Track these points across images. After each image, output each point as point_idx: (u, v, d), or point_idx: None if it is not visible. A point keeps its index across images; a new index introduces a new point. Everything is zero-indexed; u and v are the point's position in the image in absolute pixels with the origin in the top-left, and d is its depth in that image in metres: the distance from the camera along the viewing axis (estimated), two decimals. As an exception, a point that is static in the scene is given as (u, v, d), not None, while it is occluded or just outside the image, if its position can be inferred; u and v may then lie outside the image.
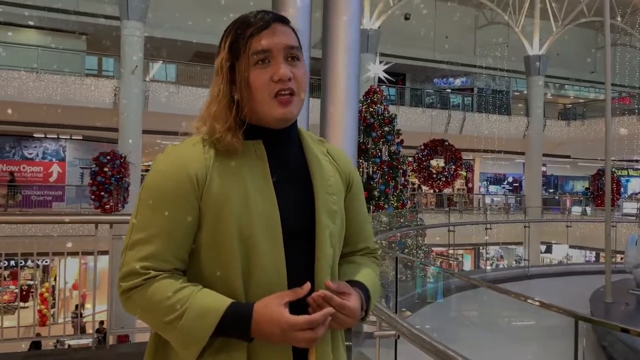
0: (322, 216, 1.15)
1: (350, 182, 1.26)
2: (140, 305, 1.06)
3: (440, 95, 24.27)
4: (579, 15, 22.27)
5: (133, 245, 1.07)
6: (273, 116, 1.12)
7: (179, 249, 1.08)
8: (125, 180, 13.70)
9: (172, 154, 1.13)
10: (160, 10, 17.87)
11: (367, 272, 1.24)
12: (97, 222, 3.49)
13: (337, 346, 1.19)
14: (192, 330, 1.02)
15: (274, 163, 1.15)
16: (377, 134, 10.97)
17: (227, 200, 1.08)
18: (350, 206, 1.25)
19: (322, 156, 1.23)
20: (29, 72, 15.51)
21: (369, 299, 1.18)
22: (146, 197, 1.09)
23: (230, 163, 1.12)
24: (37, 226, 11.43)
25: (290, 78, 1.12)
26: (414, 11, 22.92)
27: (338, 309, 1.06)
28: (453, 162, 17.44)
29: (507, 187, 29.67)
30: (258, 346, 1.07)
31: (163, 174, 1.09)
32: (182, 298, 1.03)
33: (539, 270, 9.91)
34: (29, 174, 18.55)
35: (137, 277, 1.05)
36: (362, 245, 1.29)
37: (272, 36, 1.12)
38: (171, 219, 1.07)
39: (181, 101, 16.93)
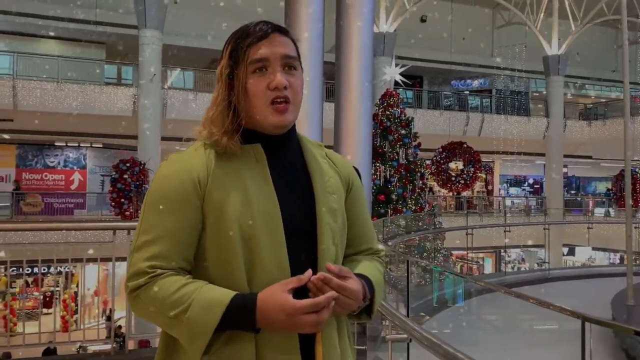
0: (324, 214, 1.18)
1: (350, 184, 1.29)
2: (147, 303, 1.08)
3: (458, 97, 24.10)
4: (598, 13, 21.94)
5: (139, 247, 1.11)
6: (268, 123, 1.16)
7: (184, 249, 1.12)
8: (144, 186, 13.85)
9: (175, 159, 1.17)
10: (177, 18, 18.07)
11: (369, 266, 1.26)
12: (114, 228, 3.51)
13: (342, 335, 1.21)
14: (198, 322, 1.04)
15: (273, 165, 1.18)
16: (394, 137, 10.92)
17: (228, 201, 1.11)
18: (351, 208, 1.28)
19: (321, 159, 1.26)
20: (49, 81, 15.80)
21: (372, 290, 1.20)
22: (151, 201, 1.14)
23: (231, 166, 1.16)
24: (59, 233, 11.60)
25: (287, 86, 1.16)
26: (430, 13, 22.85)
27: (338, 289, 1.08)
28: (472, 164, 17.29)
29: (528, 189, 29.30)
30: (265, 336, 1.09)
31: (167, 179, 1.14)
32: (188, 292, 1.06)
33: (560, 273, 9.73)
34: (51, 182, 18.86)
35: (143, 276, 1.08)
36: (365, 247, 1.32)
37: (270, 45, 1.16)
38: (175, 220, 1.11)
39: (199, 108, 17.05)
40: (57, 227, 4.14)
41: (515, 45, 21.81)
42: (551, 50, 21.91)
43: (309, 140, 1.30)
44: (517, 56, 21.73)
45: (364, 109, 4.26)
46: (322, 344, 1.13)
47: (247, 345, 1.09)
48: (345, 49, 4.64)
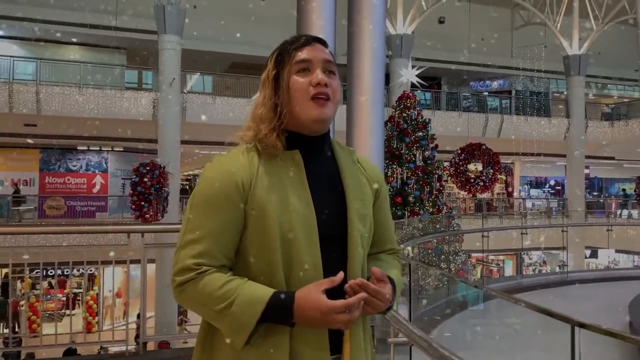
0: (355, 220, 1.28)
1: (378, 190, 1.39)
2: (193, 297, 1.19)
3: (477, 98, 23.91)
4: (620, 12, 21.59)
5: (185, 245, 1.21)
6: (309, 116, 1.26)
7: (226, 248, 1.22)
8: (164, 190, 13.98)
9: (220, 162, 1.27)
10: (196, 23, 18.27)
11: (392, 268, 1.37)
12: (129, 231, 3.58)
13: (366, 333, 1.32)
14: (241, 316, 1.14)
15: (309, 170, 1.28)
16: (410, 139, 10.88)
17: (270, 203, 1.21)
18: (378, 212, 1.38)
19: (353, 165, 1.37)
20: (71, 87, 16.10)
21: (394, 291, 1.30)
22: (196, 201, 1.24)
23: (272, 171, 1.25)
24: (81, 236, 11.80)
25: (327, 84, 1.28)
26: (448, 14, 22.72)
27: (374, 294, 1.18)
28: (491, 166, 17.14)
29: (549, 191, 28.92)
30: (298, 331, 1.19)
31: (212, 180, 1.23)
32: (232, 289, 1.16)
33: (579, 276, 9.57)
34: (74, 185, 19.20)
35: (190, 272, 1.18)
36: (388, 247, 1.43)
37: (313, 50, 1.30)
38: (219, 221, 1.21)
39: (217, 111, 17.23)
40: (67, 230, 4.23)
41: (535, 46, 21.57)
42: (572, 50, 21.63)
43: (341, 146, 1.40)
44: (536, 56, 21.48)
45: (376, 112, 4.28)
46: (350, 341, 1.24)
47: (283, 339, 1.18)
48: (357, 53, 4.67)
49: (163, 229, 4.25)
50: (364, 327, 1.32)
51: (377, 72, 4.65)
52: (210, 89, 19.37)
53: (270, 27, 19.48)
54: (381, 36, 4.64)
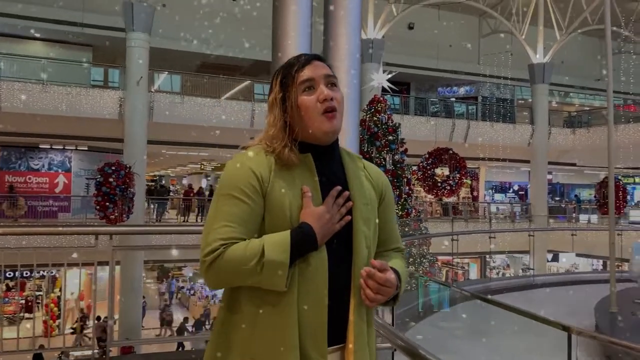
0: (359, 222, 1.39)
1: (383, 194, 1.51)
2: (224, 268, 1.28)
3: (444, 104, 24.26)
4: (583, 23, 22.24)
5: (213, 231, 1.31)
6: (322, 130, 1.38)
7: (248, 232, 1.32)
8: (130, 190, 13.69)
9: (242, 157, 1.38)
10: (165, 21, 18.00)
11: (397, 261, 1.48)
12: (96, 233, 3.48)
13: (370, 323, 1.42)
14: (275, 258, 1.26)
15: (320, 174, 1.40)
16: (381, 143, 10.95)
17: (284, 201, 1.33)
18: (383, 215, 1.49)
19: (360, 171, 1.48)
20: (35, 83, 15.63)
21: (399, 281, 1.40)
22: (220, 191, 1.36)
23: (286, 172, 1.37)
24: (42, 237, 11.46)
25: (333, 98, 1.39)
26: (417, 20, 23.00)
27: (381, 282, 1.32)
28: (458, 170, 17.37)
29: (513, 196, 29.53)
30: (301, 307, 1.30)
31: (234, 171, 1.36)
32: (256, 244, 1.28)
33: (544, 280, 9.79)
34: (35, 184, 18.64)
35: (217, 249, 1.28)
36: (393, 246, 1.54)
37: (314, 69, 1.41)
38: (242, 208, 1.32)
39: (186, 111, 17.00)
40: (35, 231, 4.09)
41: (501, 53, 22.01)
42: (537, 58, 22.16)
43: (349, 154, 1.50)
44: (502, 64, 21.93)
45: (352, 116, 4.27)
46: (353, 330, 1.34)
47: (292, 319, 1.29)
48: (333, 55, 4.65)
49: (132, 230, 4.15)
50: (368, 320, 1.40)
51: (352, 76, 4.65)
52: (178, 89, 19.09)
53: (241, 28, 19.36)
54: (357, 38, 4.64)
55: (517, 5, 22.14)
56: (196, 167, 30.56)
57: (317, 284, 1.31)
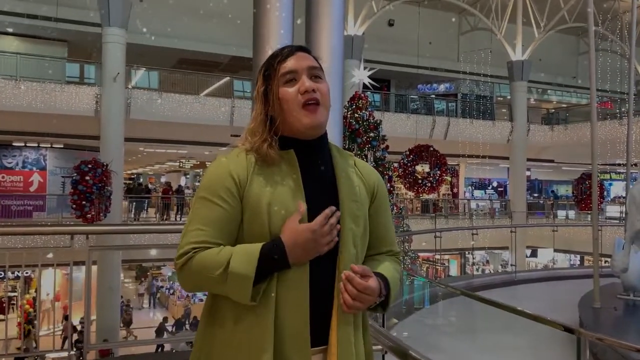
0: (347, 220, 1.32)
1: (375, 192, 1.44)
2: (194, 271, 1.25)
3: (424, 101, 24.33)
4: (560, 21, 22.49)
5: (187, 233, 1.29)
6: (302, 124, 1.33)
7: (222, 237, 1.29)
8: (107, 189, 13.46)
9: (220, 161, 1.36)
10: (142, 16, 17.71)
11: (387, 266, 1.41)
12: (72, 232, 3.34)
13: (357, 325, 1.35)
14: (240, 269, 1.21)
15: (305, 170, 1.35)
16: (362, 140, 10.88)
17: (262, 201, 1.28)
18: (375, 213, 1.43)
19: (349, 168, 1.42)
20: (7, 79, 15.22)
21: (388, 287, 1.34)
22: (198, 194, 1.34)
23: (267, 171, 1.33)
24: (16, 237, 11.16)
25: (315, 89, 1.33)
26: (398, 17, 23.01)
27: (360, 289, 1.24)
28: (438, 167, 17.44)
29: (492, 192, 29.79)
30: (281, 327, 1.24)
31: (212, 175, 1.33)
32: (226, 253, 1.24)
33: (526, 276, 9.85)
34: (9, 183, 18.20)
35: (188, 252, 1.27)
36: (385, 249, 1.46)
37: (297, 60, 1.36)
38: (216, 211, 1.29)
39: (164, 108, 16.74)
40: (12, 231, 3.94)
41: (481, 51, 22.14)
42: (515, 56, 22.35)
43: (339, 150, 1.45)
44: (482, 61, 22.06)
45: (335, 111, 4.17)
46: (337, 331, 1.27)
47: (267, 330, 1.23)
48: (315, 50, 4.54)
49: (109, 230, 4.00)
50: (356, 322, 1.34)
51: (335, 70, 4.57)
52: (156, 85, 18.80)
53: (219, 23, 19.16)
54: (340, 33, 4.55)
55: (496, 3, 22.29)
56: (175, 165, 30.23)
57: (297, 285, 1.27)
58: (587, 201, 18.60)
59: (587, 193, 18.44)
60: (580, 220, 22.71)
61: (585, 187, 18.84)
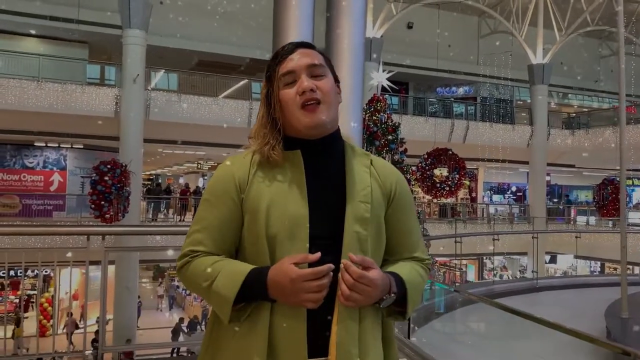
0: (351, 222, 1.27)
1: (392, 194, 1.36)
2: (188, 277, 1.30)
3: (443, 104, 24.13)
4: (582, 24, 22.16)
5: (189, 235, 1.33)
6: (302, 124, 1.29)
7: (222, 240, 1.30)
8: (125, 189, 13.52)
9: (224, 164, 1.37)
10: (162, 18, 17.83)
11: (403, 266, 1.33)
12: (87, 233, 3.32)
13: (365, 340, 1.25)
14: (222, 290, 1.21)
15: (312, 171, 1.31)
16: (380, 143, 10.82)
17: (260, 203, 1.27)
18: (393, 217, 1.35)
19: (363, 168, 1.35)
20: (30, 80, 15.42)
21: (403, 287, 1.27)
22: (203, 197, 1.36)
23: (270, 172, 1.31)
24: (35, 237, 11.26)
25: (313, 89, 1.29)
26: (417, 20, 22.87)
27: (356, 277, 1.18)
28: (457, 171, 17.25)
29: (511, 197, 29.44)
30: (277, 327, 1.22)
31: (216, 179, 1.35)
32: (217, 267, 1.25)
33: (548, 282, 9.64)
34: (30, 183, 18.43)
35: (186, 257, 1.30)
36: (407, 255, 1.37)
37: (296, 59, 1.32)
38: (217, 214, 1.31)
39: (183, 110, 16.83)
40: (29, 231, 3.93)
41: (501, 54, 21.89)
42: (536, 59, 22.06)
43: (354, 149, 1.39)
44: (502, 64, 21.82)
45: (355, 112, 4.12)
46: (336, 346, 1.20)
47: (262, 333, 1.22)
48: (336, 51, 4.48)
49: (125, 231, 3.98)
50: (374, 335, 1.28)
51: (356, 73, 4.50)
52: (175, 87, 18.90)
53: (239, 25, 19.21)
54: (361, 34, 4.48)
55: (516, 6, 22.04)
56: (193, 166, 30.38)
57: None
58: (609, 207, 18.24)
59: (609, 199, 18.09)
60: (601, 226, 22.32)
61: (607, 193, 18.49)
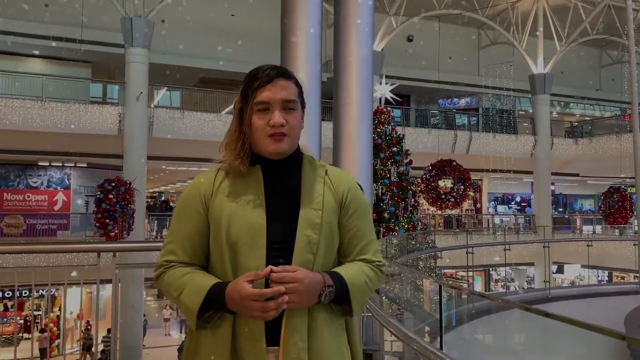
0: (303, 227, 1.39)
1: (344, 201, 1.47)
2: (163, 287, 1.44)
3: (445, 115, 24.15)
4: (582, 33, 22.23)
5: (164, 247, 1.47)
6: (267, 150, 1.42)
7: (192, 250, 1.44)
8: (130, 207, 13.51)
9: (194, 180, 1.51)
10: (164, 36, 17.93)
11: (349, 266, 1.44)
12: (99, 250, 3.28)
13: (316, 334, 1.38)
14: (187, 303, 1.36)
15: (271, 184, 1.44)
16: (385, 155, 10.78)
17: (222, 214, 1.40)
18: (344, 221, 1.46)
19: (317, 178, 1.48)
20: (33, 100, 15.48)
21: (344, 283, 1.38)
22: (174, 212, 1.51)
23: (234, 183, 1.45)
24: (41, 256, 11.22)
25: (283, 124, 1.40)
26: (417, 33, 22.98)
27: (276, 279, 1.31)
28: (461, 182, 17.20)
29: (515, 207, 29.32)
30: (239, 323, 1.36)
31: (185, 195, 1.50)
32: (185, 279, 1.40)
33: (560, 292, 9.52)
34: (34, 202, 18.42)
35: (161, 267, 1.45)
36: (358, 257, 1.47)
37: (273, 90, 1.41)
38: (185, 227, 1.45)
39: (186, 127, 16.85)
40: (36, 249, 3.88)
41: (503, 64, 21.95)
42: (537, 69, 22.11)
43: (311, 162, 1.52)
44: (503, 75, 21.85)
45: (364, 124, 4.08)
46: (284, 333, 1.34)
47: (226, 331, 1.37)
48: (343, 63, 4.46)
49: (136, 247, 3.95)
50: (318, 323, 1.38)
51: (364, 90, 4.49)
52: (178, 104, 18.95)
53: (241, 42, 19.30)
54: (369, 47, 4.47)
55: (516, 17, 22.14)
56: (196, 183, 30.32)
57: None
58: (615, 215, 18.15)
59: (616, 207, 18.00)
60: (607, 234, 22.19)
61: (613, 201, 18.40)
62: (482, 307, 5.66)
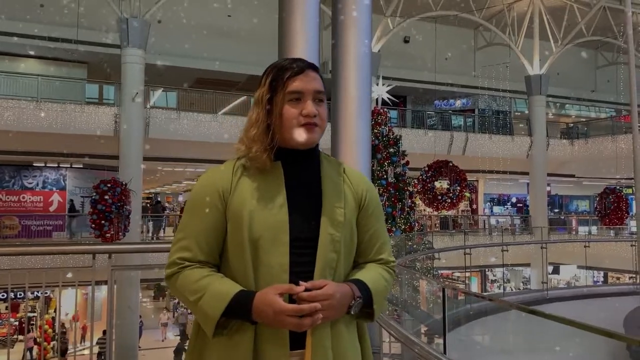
0: (326, 224, 1.38)
1: (363, 200, 1.46)
2: (177, 288, 1.38)
3: (441, 116, 24.17)
4: (578, 35, 22.29)
5: (175, 243, 1.40)
6: (298, 140, 1.39)
7: (207, 246, 1.38)
8: (126, 208, 13.45)
9: (208, 173, 1.45)
10: (160, 37, 17.88)
11: (370, 271, 1.43)
12: (94, 252, 3.25)
13: (338, 333, 1.37)
14: (207, 309, 1.30)
15: (292, 179, 1.41)
16: (382, 156, 10.78)
17: (243, 210, 1.36)
18: (363, 221, 1.45)
19: (337, 176, 1.46)
20: (28, 100, 15.40)
21: (368, 291, 1.37)
22: (187, 206, 1.44)
23: (252, 180, 1.40)
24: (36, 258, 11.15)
25: (316, 114, 1.39)
26: (413, 34, 23.00)
27: (309, 299, 1.27)
28: (458, 183, 17.21)
29: (511, 208, 29.36)
30: (261, 330, 1.32)
31: (199, 188, 1.42)
32: (204, 284, 1.33)
33: (559, 293, 9.54)
34: (29, 203, 18.32)
35: (175, 266, 1.38)
36: (375, 257, 1.47)
37: (305, 80, 1.40)
38: (201, 223, 1.39)
39: (182, 127, 16.80)
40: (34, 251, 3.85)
41: (499, 65, 21.99)
42: (533, 70, 22.15)
43: (328, 159, 1.50)
44: (499, 76, 21.89)
45: (363, 122, 4.05)
46: (312, 337, 1.31)
47: (248, 334, 1.32)
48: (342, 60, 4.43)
49: (132, 249, 3.91)
50: (338, 329, 1.37)
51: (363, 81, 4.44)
52: (174, 104, 18.90)
53: (237, 42, 19.27)
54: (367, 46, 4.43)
55: (512, 18, 22.18)
56: (192, 184, 30.32)
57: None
58: (611, 216, 18.20)
59: (612, 208, 18.05)
60: (603, 235, 22.24)
61: (609, 202, 18.44)
62: (480, 308, 5.65)
